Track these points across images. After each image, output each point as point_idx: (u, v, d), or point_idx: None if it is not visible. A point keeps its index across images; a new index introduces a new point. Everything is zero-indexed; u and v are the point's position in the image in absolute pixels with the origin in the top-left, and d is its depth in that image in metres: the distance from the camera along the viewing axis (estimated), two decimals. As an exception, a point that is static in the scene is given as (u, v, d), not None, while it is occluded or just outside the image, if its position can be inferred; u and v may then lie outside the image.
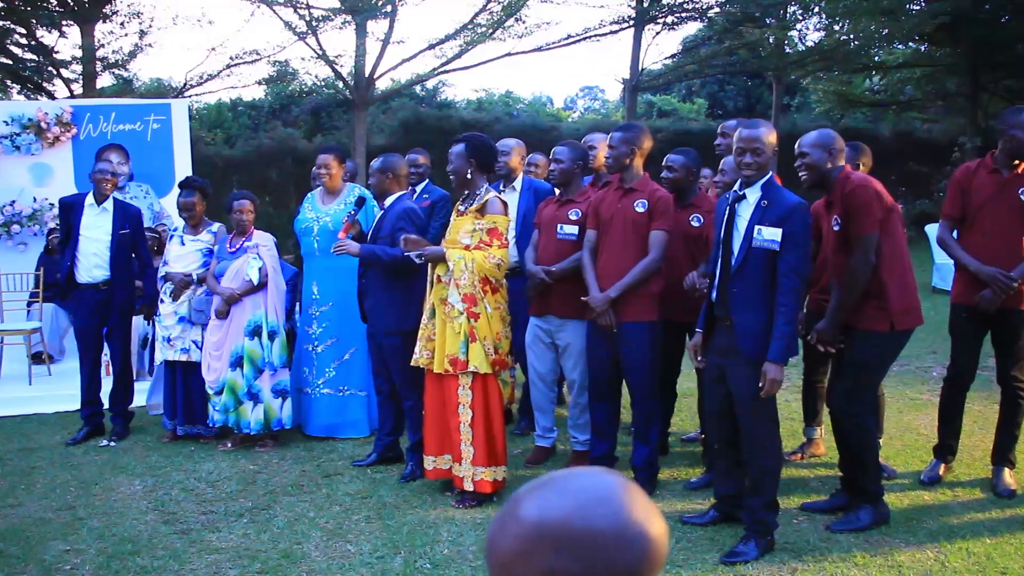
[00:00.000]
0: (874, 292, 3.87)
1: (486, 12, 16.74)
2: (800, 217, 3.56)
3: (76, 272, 5.60)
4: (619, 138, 4.47)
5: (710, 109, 31.01)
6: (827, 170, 3.91)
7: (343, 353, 5.56)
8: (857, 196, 3.82)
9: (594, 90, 48.34)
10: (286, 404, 5.42)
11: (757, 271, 3.61)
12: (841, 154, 3.94)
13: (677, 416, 5.60)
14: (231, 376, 5.30)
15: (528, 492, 1.04)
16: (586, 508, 0.99)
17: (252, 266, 5.33)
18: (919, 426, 5.60)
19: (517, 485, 4.59)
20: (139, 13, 16.07)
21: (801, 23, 20.41)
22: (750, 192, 3.70)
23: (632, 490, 1.03)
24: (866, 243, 3.81)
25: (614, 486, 1.02)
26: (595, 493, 1.01)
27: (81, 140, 8.51)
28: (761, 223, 3.60)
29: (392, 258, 4.71)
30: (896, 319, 3.88)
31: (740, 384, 3.70)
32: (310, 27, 15.97)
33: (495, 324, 4.31)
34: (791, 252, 3.54)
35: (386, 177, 4.94)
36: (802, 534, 3.93)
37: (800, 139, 4.00)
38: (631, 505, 1.01)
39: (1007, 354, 4.40)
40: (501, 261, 4.31)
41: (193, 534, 4.01)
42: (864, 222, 3.81)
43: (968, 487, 4.54)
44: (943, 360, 7.48)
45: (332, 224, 5.45)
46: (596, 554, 0.98)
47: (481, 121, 21.25)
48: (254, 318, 5.34)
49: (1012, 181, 4.26)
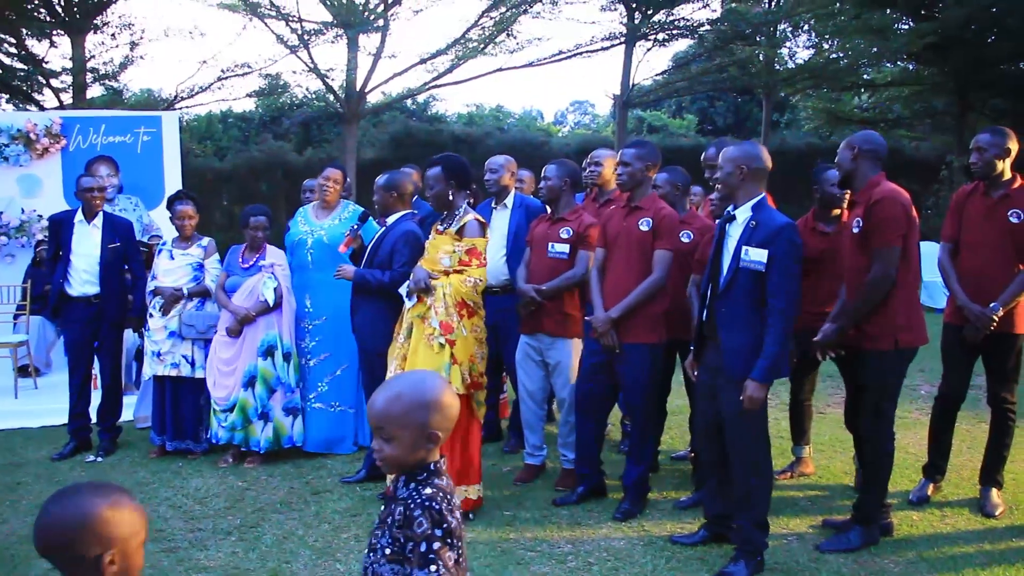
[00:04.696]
0: (879, 308, 3.89)
1: (478, 27, 16.82)
2: (786, 238, 3.55)
3: (67, 287, 5.57)
4: (633, 154, 4.44)
5: (700, 125, 31.23)
6: (850, 168, 3.98)
7: (335, 368, 5.55)
8: (884, 207, 3.84)
9: (584, 104, 48.58)
10: (297, 421, 5.41)
11: (744, 291, 3.62)
12: (869, 156, 3.96)
13: (667, 434, 5.60)
14: (243, 396, 5.27)
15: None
16: None
17: (268, 286, 5.32)
18: (907, 444, 5.61)
19: (505, 503, 4.62)
20: (130, 24, 16.10)
21: (791, 41, 20.60)
22: (740, 212, 3.71)
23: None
24: (889, 256, 3.82)
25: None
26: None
27: (70, 152, 8.48)
28: (748, 244, 3.61)
29: (379, 283, 4.74)
30: (901, 336, 3.89)
31: (728, 404, 3.70)
32: (302, 41, 16.02)
33: (471, 347, 4.31)
34: (777, 273, 3.54)
35: (390, 195, 4.95)
36: (792, 554, 3.93)
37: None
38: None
39: (998, 376, 4.43)
40: (478, 281, 4.31)
41: (181, 552, 3.98)
42: (889, 234, 3.82)
43: (956, 507, 4.55)
44: (931, 378, 7.55)
45: (327, 238, 5.46)
46: None
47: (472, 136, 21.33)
48: (267, 338, 5.32)
49: (1000, 203, 4.30)
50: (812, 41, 20.94)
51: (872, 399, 4.00)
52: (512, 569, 3.77)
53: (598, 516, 4.43)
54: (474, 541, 4.08)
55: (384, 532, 1.87)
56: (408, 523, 1.81)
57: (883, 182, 3.93)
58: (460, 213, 4.39)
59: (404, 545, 1.81)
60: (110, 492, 1.58)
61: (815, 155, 21.31)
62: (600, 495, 4.66)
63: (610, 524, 4.32)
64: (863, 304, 3.90)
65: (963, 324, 4.35)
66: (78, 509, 1.54)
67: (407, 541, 1.81)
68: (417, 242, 4.79)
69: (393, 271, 4.74)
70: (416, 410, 1.86)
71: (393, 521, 1.85)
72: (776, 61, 19.98)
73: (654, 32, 18.32)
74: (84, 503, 1.55)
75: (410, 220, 4.98)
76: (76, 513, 1.54)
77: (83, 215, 5.64)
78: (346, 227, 5.31)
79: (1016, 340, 4.35)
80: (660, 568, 3.78)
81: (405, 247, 4.75)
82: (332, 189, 5.60)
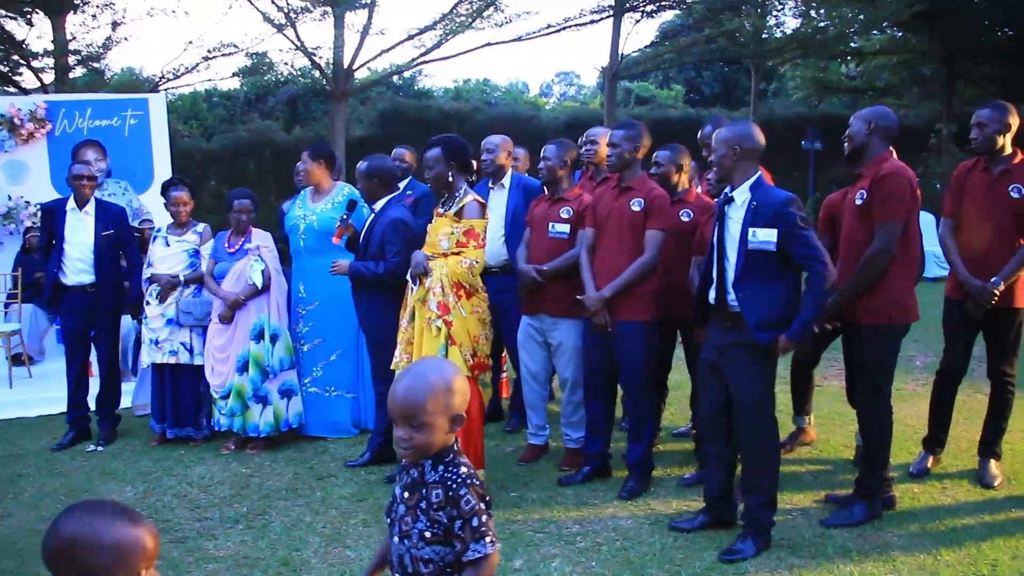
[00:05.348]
0: (876, 283, 3.91)
1: (465, 2, 16.66)
2: (791, 211, 3.56)
3: (62, 276, 5.52)
4: (621, 136, 4.45)
5: (687, 95, 31.14)
6: (863, 143, 4.00)
7: (330, 354, 5.54)
8: (890, 182, 3.86)
9: (570, 75, 48.44)
10: (292, 403, 5.41)
11: (760, 272, 3.62)
12: (881, 133, 3.99)
13: (668, 411, 5.63)
14: (238, 380, 5.27)
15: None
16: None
17: (255, 269, 5.30)
18: (905, 416, 5.65)
19: (511, 484, 4.64)
20: (112, 4, 15.84)
21: (779, 10, 20.49)
22: (738, 194, 3.70)
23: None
24: (890, 230, 3.84)
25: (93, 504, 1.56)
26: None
27: (56, 136, 8.39)
28: (754, 225, 3.60)
29: (375, 275, 4.74)
30: (893, 312, 3.92)
31: (740, 382, 3.70)
32: (288, 19, 15.83)
33: (473, 328, 4.29)
34: (797, 245, 3.54)
35: (372, 182, 4.92)
36: (797, 530, 3.96)
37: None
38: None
39: (998, 349, 4.47)
40: (475, 262, 4.29)
41: (190, 542, 3.98)
42: (893, 209, 3.85)
43: (956, 478, 4.60)
44: (925, 349, 7.61)
45: (318, 223, 5.41)
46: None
47: (460, 111, 21.20)
48: (258, 321, 5.31)
49: (1001, 178, 4.31)
50: (800, 10, 20.84)
51: (869, 376, 4.03)
52: (522, 551, 3.79)
53: (604, 495, 4.46)
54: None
55: (419, 516, 1.92)
56: (454, 502, 1.89)
57: (891, 158, 3.95)
58: (460, 195, 4.37)
59: (449, 525, 1.88)
60: (130, 515, 1.59)
61: (804, 124, 21.32)
62: (605, 474, 4.69)
63: (616, 503, 4.35)
64: (861, 278, 3.92)
65: (964, 299, 4.38)
66: (98, 528, 1.54)
67: (453, 520, 1.88)
68: (406, 228, 4.77)
69: (388, 261, 4.72)
70: (443, 394, 1.94)
71: (429, 504, 1.91)
72: (764, 31, 19.89)
73: (643, 3, 18.18)
74: (103, 524, 1.55)
75: (397, 205, 4.95)
76: (94, 532, 1.54)
77: (75, 203, 5.58)
78: (338, 211, 5.29)
79: (1016, 314, 4.37)
80: (668, 547, 3.81)
81: (395, 235, 4.73)
82: (304, 176, 5.57)
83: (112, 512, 1.56)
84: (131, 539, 1.54)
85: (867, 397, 4.05)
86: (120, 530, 1.54)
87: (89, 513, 1.56)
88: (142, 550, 1.55)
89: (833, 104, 23.57)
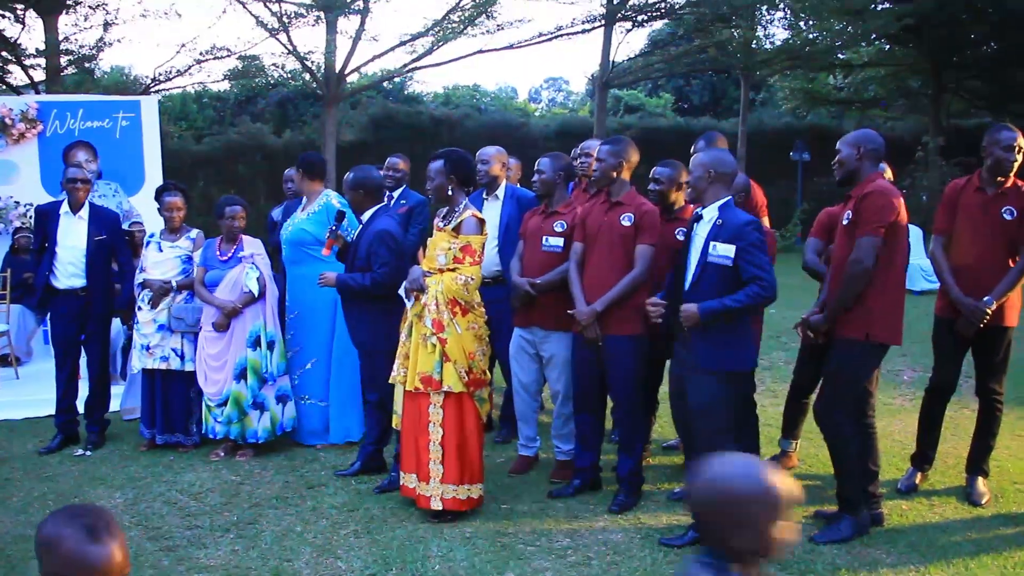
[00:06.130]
0: (856, 298, 3.95)
1: (458, 9, 16.68)
2: (751, 230, 3.73)
3: (53, 279, 5.50)
4: (607, 151, 4.52)
5: (676, 104, 31.24)
6: (854, 168, 4.05)
7: (305, 363, 5.56)
8: (871, 199, 3.92)
9: (558, 81, 48.58)
10: (287, 408, 5.42)
11: (712, 286, 3.76)
12: (871, 156, 4.05)
13: (658, 424, 5.65)
14: (236, 388, 5.25)
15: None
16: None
17: (250, 276, 5.30)
18: (892, 432, 5.70)
19: (501, 495, 4.64)
20: (104, 4, 15.76)
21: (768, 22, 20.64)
22: (707, 212, 3.86)
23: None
24: (868, 245, 3.88)
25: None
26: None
27: (48, 137, 8.33)
28: (716, 239, 3.76)
29: (361, 287, 4.76)
30: (872, 329, 3.95)
31: (694, 396, 3.82)
32: (282, 24, 15.80)
33: (468, 344, 4.29)
34: (750, 262, 3.69)
35: (358, 193, 4.94)
36: (787, 546, 3.98)
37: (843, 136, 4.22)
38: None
39: (987, 367, 4.51)
40: (470, 280, 4.29)
41: (180, 551, 3.97)
42: (869, 223, 3.89)
43: (944, 495, 4.64)
44: (913, 364, 7.67)
45: (295, 233, 5.48)
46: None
47: (450, 117, 21.19)
48: (255, 328, 5.31)
49: (996, 199, 4.36)
50: (788, 20, 20.99)
51: (834, 387, 4.07)
52: (513, 564, 3.80)
53: (594, 508, 4.47)
54: (473, 536, 4.11)
55: None
56: None
57: (879, 180, 4.01)
58: (460, 210, 4.38)
59: None
60: (100, 531, 1.66)
61: (792, 135, 21.46)
62: (595, 487, 4.70)
63: (606, 516, 4.36)
64: (841, 292, 3.96)
65: (955, 317, 4.42)
66: (65, 537, 1.64)
67: None
68: (392, 240, 4.79)
69: (374, 273, 4.73)
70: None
71: None
72: (754, 42, 20.02)
73: (634, 13, 18.26)
74: (69, 535, 1.64)
75: (384, 216, 4.96)
76: (59, 541, 1.64)
77: (68, 206, 5.56)
78: (312, 223, 5.38)
79: (1006, 332, 4.43)
80: (659, 562, 3.83)
81: (381, 247, 4.75)
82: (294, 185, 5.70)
83: (84, 525, 1.64)
84: (92, 556, 1.62)
85: (826, 406, 4.09)
86: (82, 546, 1.62)
87: (64, 520, 1.66)
88: (102, 570, 1.63)
89: (821, 115, 23.75)
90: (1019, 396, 6.20)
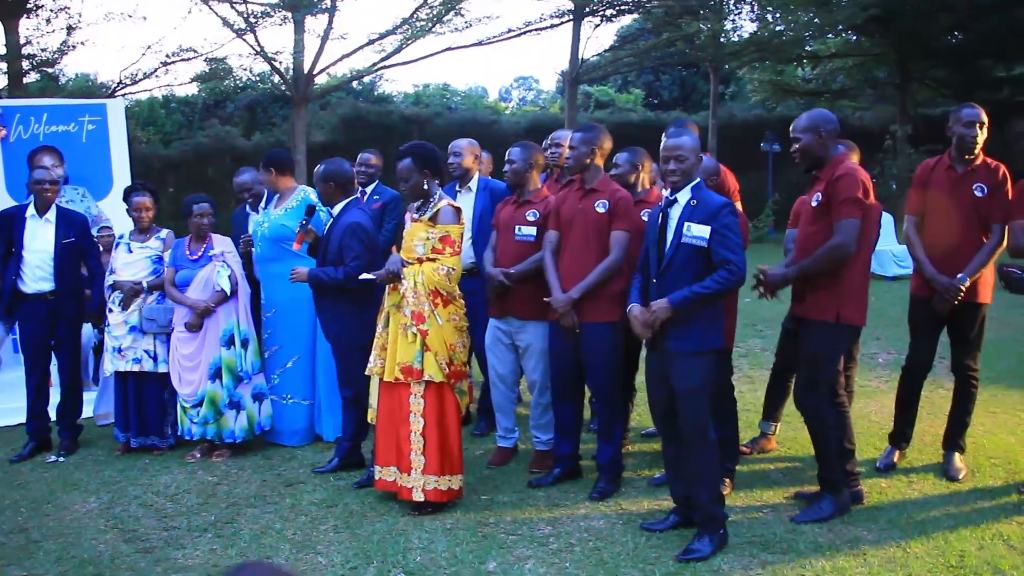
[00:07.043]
0: (828, 280, 3.97)
1: (426, 6, 16.63)
2: (727, 213, 3.68)
3: (21, 284, 5.40)
4: (579, 139, 4.52)
5: (646, 99, 31.36)
6: (820, 152, 4.04)
7: (286, 361, 5.48)
8: (845, 180, 3.92)
9: (528, 80, 48.61)
10: (263, 406, 5.35)
11: (685, 267, 3.70)
12: (832, 135, 4.04)
13: (636, 411, 5.65)
14: (211, 388, 5.18)
15: None
16: None
17: (222, 275, 5.24)
18: (869, 412, 5.75)
19: (481, 487, 4.62)
20: (66, 8, 15.54)
21: (736, 14, 20.76)
22: (681, 195, 3.80)
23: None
24: (850, 227, 3.89)
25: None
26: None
27: (11, 142, 8.18)
28: (690, 220, 3.71)
29: (334, 280, 4.71)
30: (843, 311, 3.97)
31: (678, 380, 3.74)
32: (248, 24, 15.66)
33: (449, 336, 4.27)
34: (721, 245, 3.64)
35: (328, 186, 4.89)
36: (768, 526, 4.00)
37: (792, 125, 4.15)
38: None
39: (963, 344, 4.55)
40: (451, 270, 4.27)
41: (157, 552, 3.91)
42: (850, 207, 3.90)
43: (921, 472, 4.68)
44: (887, 346, 7.75)
45: (269, 230, 5.37)
46: None
47: (421, 116, 21.13)
48: (228, 327, 5.24)
49: (966, 177, 4.40)
50: (756, 14, 21.13)
51: (809, 369, 4.09)
52: (495, 553, 3.78)
53: (575, 496, 4.46)
54: (454, 527, 4.09)
55: None
56: None
57: (845, 160, 4.03)
58: (435, 200, 4.35)
59: None
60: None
61: (762, 127, 21.60)
62: (575, 476, 4.69)
63: (587, 504, 4.35)
64: (816, 265, 3.97)
65: (930, 295, 4.45)
66: None
67: None
68: (364, 232, 4.75)
69: (346, 266, 4.69)
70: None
71: None
72: (722, 35, 20.12)
73: (602, 8, 18.30)
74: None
75: (355, 208, 4.91)
76: None
77: (35, 209, 5.47)
78: (289, 218, 5.28)
79: (980, 309, 4.47)
80: (642, 546, 3.82)
81: (352, 239, 4.71)
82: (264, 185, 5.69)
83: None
84: None
85: (804, 390, 4.12)
86: None
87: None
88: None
89: (790, 107, 23.91)
90: (992, 375, 6.28)
